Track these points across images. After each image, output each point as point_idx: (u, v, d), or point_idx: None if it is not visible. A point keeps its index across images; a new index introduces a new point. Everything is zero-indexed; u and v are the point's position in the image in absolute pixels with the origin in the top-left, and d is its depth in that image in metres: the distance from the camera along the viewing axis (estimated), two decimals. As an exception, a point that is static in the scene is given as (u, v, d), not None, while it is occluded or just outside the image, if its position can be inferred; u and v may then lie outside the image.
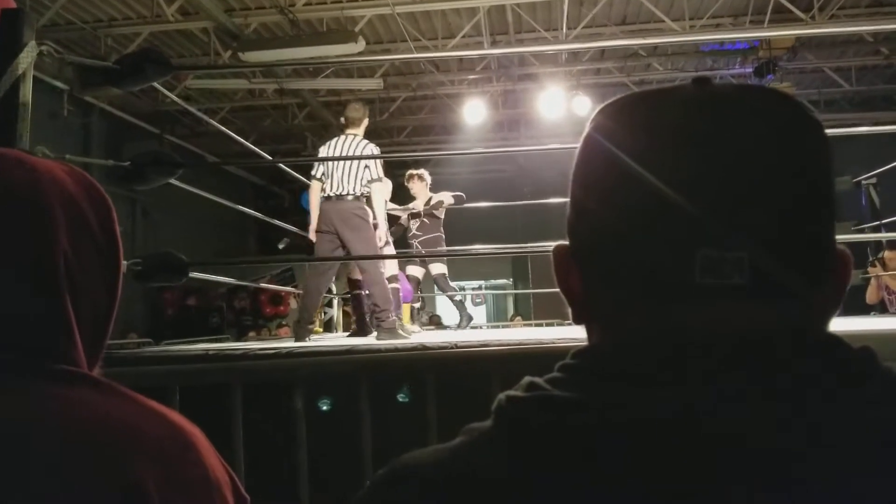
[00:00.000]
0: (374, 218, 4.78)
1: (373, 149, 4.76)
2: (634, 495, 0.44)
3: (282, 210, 12.99)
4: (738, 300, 0.48)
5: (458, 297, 6.93)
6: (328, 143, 4.89)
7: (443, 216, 6.66)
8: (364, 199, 4.67)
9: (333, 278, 5.04)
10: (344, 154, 4.69)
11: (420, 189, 6.63)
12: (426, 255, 6.14)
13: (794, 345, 0.48)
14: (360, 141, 4.77)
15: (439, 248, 6.47)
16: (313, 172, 4.79)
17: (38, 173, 0.71)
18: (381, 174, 4.79)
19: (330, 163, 4.65)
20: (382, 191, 4.92)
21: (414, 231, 6.63)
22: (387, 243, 5.12)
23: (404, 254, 6.63)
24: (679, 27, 8.08)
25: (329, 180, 4.62)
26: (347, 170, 4.59)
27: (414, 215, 6.61)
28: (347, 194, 4.58)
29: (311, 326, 4.71)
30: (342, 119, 4.99)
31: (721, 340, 0.48)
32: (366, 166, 4.63)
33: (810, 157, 0.51)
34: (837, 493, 0.43)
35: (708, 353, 0.47)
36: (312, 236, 4.76)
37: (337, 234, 4.57)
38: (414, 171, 6.67)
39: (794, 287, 0.49)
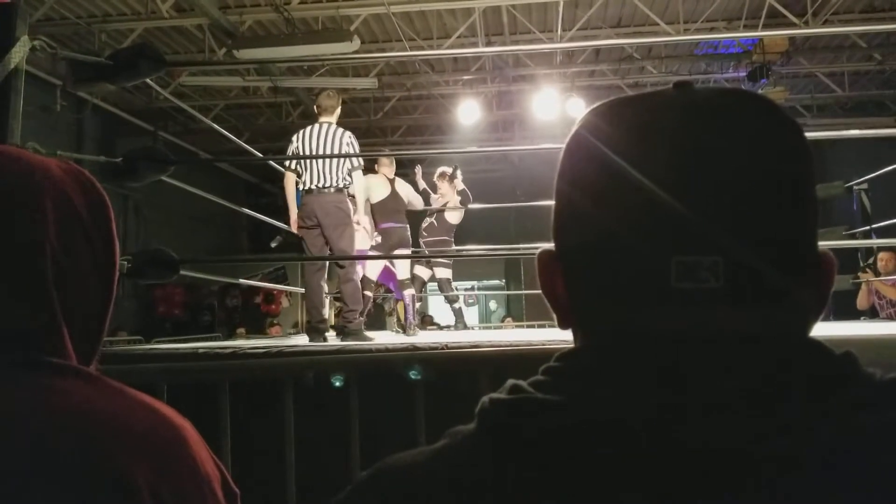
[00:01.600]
0: (355, 211, 4.70)
1: (350, 137, 4.60)
2: (614, 499, 0.44)
3: (275, 208, 12.96)
4: (717, 304, 0.48)
5: (457, 305, 6.86)
6: (302, 132, 4.66)
7: (454, 221, 6.56)
8: (346, 192, 4.55)
9: (326, 275, 4.97)
10: (323, 143, 4.51)
11: (447, 190, 6.53)
12: (418, 256, 6.12)
13: (774, 349, 0.48)
14: (337, 129, 4.61)
15: (439, 251, 6.39)
16: (286, 163, 4.66)
17: (32, 168, 0.71)
18: (362, 162, 4.69)
19: (306, 153, 4.52)
20: (364, 180, 4.81)
21: (421, 230, 6.58)
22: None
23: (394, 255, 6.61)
24: (673, 30, 8.11)
25: (308, 172, 4.48)
26: (328, 160, 4.46)
27: (428, 215, 6.58)
28: (329, 186, 4.45)
29: (322, 325, 4.54)
30: (315, 107, 4.83)
31: (699, 345, 0.48)
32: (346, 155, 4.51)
33: (789, 159, 0.51)
34: (819, 499, 0.43)
35: (687, 357, 0.48)
36: (294, 228, 4.67)
37: (320, 227, 4.46)
38: (446, 170, 6.53)
39: (773, 290, 0.49)
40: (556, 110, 8.94)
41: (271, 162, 5.69)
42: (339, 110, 4.78)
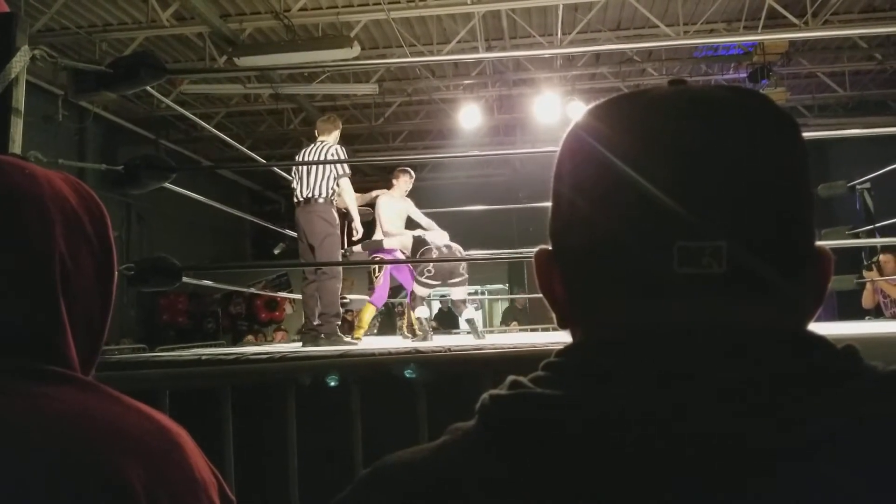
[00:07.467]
0: (346, 216, 5.09)
1: (336, 150, 4.94)
2: (614, 493, 0.44)
3: (277, 215, 12.99)
4: (717, 297, 0.48)
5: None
6: (302, 151, 5.12)
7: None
8: (332, 203, 4.88)
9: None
10: (312, 158, 4.90)
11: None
12: (420, 260, 6.05)
13: (774, 342, 0.48)
14: (328, 146, 4.95)
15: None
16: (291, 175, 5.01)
17: (38, 179, 0.72)
18: (348, 171, 5.01)
19: (301, 169, 4.89)
20: (351, 187, 5.12)
21: None
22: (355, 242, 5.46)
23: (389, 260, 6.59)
24: (673, 32, 8.11)
25: (299, 186, 4.84)
26: (315, 174, 4.82)
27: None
28: (318, 197, 4.77)
29: (314, 331, 4.80)
30: (315, 131, 5.24)
31: (700, 338, 0.48)
32: (332, 167, 4.85)
33: (784, 154, 0.52)
34: (819, 492, 0.43)
35: (687, 350, 0.48)
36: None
37: (305, 238, 4.78)
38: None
39: (772, 284, 0.49)
40: (558, 113, 8.94)
41: (276, 169, 5.73)
42: (336, 132, 5.15)
